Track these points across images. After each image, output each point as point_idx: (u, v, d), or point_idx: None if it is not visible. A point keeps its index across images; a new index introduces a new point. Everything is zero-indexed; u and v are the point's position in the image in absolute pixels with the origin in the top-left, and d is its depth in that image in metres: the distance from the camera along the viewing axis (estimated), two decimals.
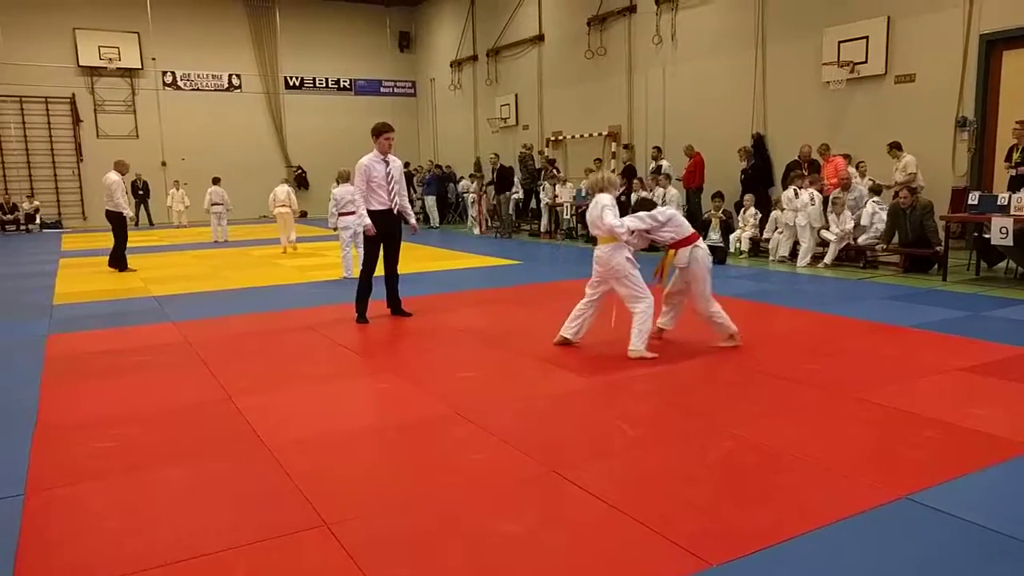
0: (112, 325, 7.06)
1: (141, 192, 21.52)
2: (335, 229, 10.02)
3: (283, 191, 13.21)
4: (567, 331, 5.65)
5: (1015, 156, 8.96)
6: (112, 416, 4.28)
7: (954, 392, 4.35)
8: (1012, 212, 7.71)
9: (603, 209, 5.31)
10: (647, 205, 5.64)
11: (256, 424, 4.05)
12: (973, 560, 2.52)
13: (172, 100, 22.69)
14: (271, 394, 4.66)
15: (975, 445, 3.51)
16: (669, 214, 5.50)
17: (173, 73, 22.70)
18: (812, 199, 9.88)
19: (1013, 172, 8.89)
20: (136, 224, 21.36)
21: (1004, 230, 7.59)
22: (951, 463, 3.30)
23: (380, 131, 6.68)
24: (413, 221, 7.09)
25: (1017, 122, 9.01)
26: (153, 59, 22.24)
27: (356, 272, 9.78)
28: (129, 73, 22.00)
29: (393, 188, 6.68)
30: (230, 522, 2.92)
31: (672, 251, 5.47)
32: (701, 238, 5.61)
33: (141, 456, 3.66)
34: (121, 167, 11.38)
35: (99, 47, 21.29)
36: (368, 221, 6.58)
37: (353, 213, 9.80)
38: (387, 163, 6.67)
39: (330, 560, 2.61)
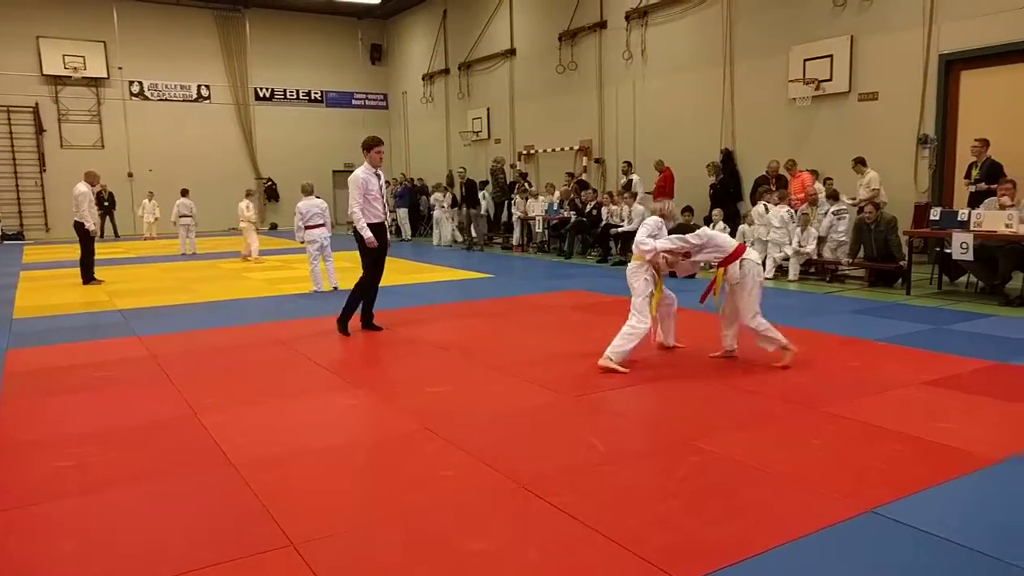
0: (74, 339, 6.90)
1: (106, 203, 21.13)
2: (302, 243, 9.93)
3: (242, 205, 13.77)
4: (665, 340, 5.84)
5: (974, 173, 9.19)
6: (72, 434, 4.18)
7: (919, 405, 4.42)
8: (972, 228, 7.89)
9: (641, 226, 5.51)
10: (684, 231, 5.68)
11: (222, 441, 3.98)
12: (937, 574, 2.55)
13: (139, 110, 22.39)
14: (238, 410, 4.58)
15: (939, 458, 3.57)
16: (707, 236, 5.44)
17: (140, 83, 22.41)
18: (792, 217, 10.02)
19: (972, 188, 9.12)
20: (101, 236, 20.98)
21: (964, 245, 7.77)
22: (916, 476, 3.34)
23: (372, 145, 6.70)
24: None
25: (975, 140, 9.25)
26: (120, 68, 21.95)
27: (326, 286, 9.74)
28: (95, 82, 21.67)
29: (384, 200, 6.84)
30: (193, 542, 2.85)
31: (722, 270, 5.39)
32: (748, 247, 5.57)
33: (102, 475, 3.57)
34: (91, 178, 11.18)
35: (64, 56, 20.96)
36: (369, 233, 6.62)
37: (321, 226, 9.76)
38: (379, 176, 6.76)
39: None
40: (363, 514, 3.09)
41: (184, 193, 16.11)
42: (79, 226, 10.83)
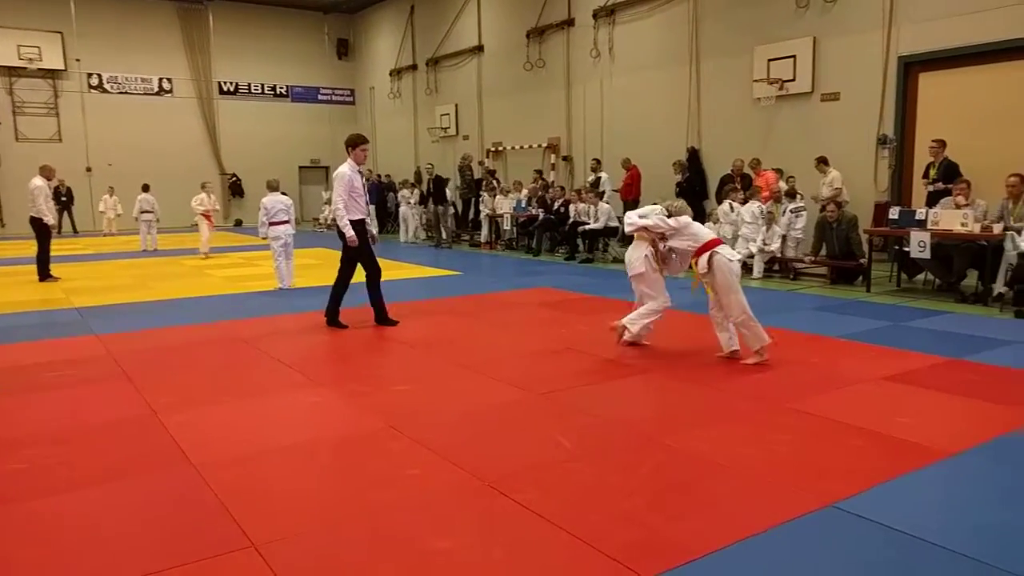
0: (28, 338, 6.71)
1: (64, 199, 20.59)
2: (265, 239, 9.79)
3: (196, 199, 14.00)
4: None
5: (932, 173, 9.41)
6: (26, 436, 4.06)
7: (878, 401, 4.51)
8: (929, 226, 8.08)
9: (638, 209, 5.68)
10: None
11: (182, 441, 3.90)
12: (896, 567, 2.60)
13: (98, 103, 21.85)
14: (199, 410, 4.50)
15: (898, 452, 3.64)
16: (684, 223, 5.52)
17: (99, 75, 21.88)
18: (762, 212, 10.14)
19: (930, 188, 9.33)
20: (59, 232, 20.45)
21: (922, 243, 7.95)
22: (876, 470, 3.41)
23: (356, 143, 6.75)
24: (374, 230, 7.44)
25: (933, 140, 9.47)
26: (77, 60, 21.40)
27: (294, 283, 9.62)
28: (52, 74, 21.10)
29: (367, 197, 6.92)
30: (153, 545, 2.79)
31: (694, 261, 5.47)
32: (722, 243, 5.59)
33: (58, 478, 3.47)
34: (47, 172, 10.89)
35: (18, 46, 20.36)
36: (351, 232, 6.68)
37: (286, 222, 9.64)
38: (361, 174, 6.84)
39: None
40: (326, 514, 3.06)
41: (145, 188, 15.77)
42: (35, 221, 10.55)
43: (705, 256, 5.36)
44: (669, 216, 5.63)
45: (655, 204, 5.87)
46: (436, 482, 3.37)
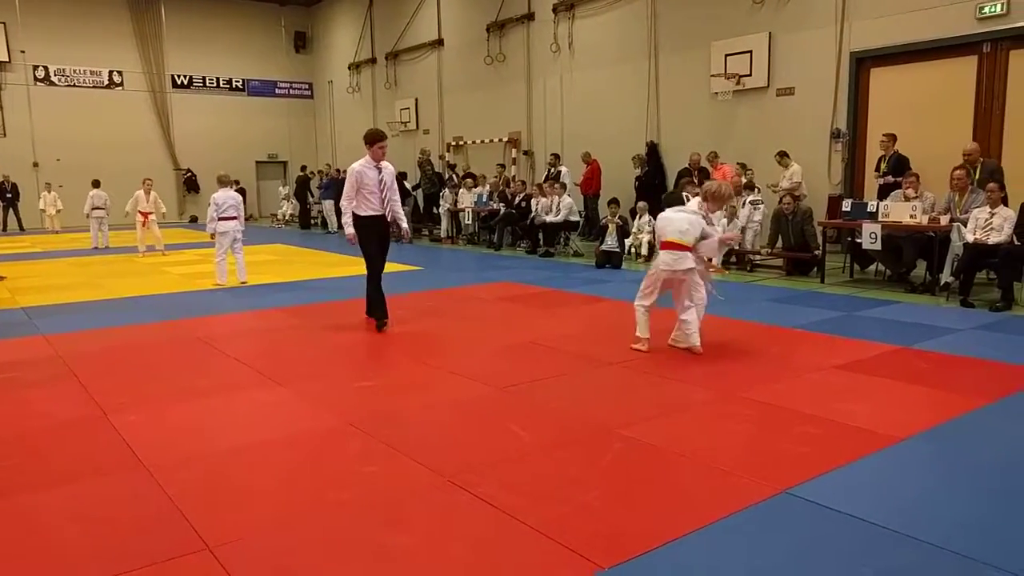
0: None
1: (9, 195, 19.93)
2: (212, 235, 9.59)
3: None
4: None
5: (883, 166, 9.65)
6: None
7: (830, 389, 4.61)
8: (880, 218, 8.28)
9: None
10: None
11: (134, 443, 3.81)
12: (848, 550, 2.66)
13: (45, 96, 21.17)
14: (151, 410, 4.40)
15: (849, 439, 3.73)
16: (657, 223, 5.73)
17: (45, 68, 21.20)
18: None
19: (881, 181, 9.57)
20: (4, 229, 19.79)
21: (873, 235, 8.14)
22: (827, 457, 3.48)
23: (375, 139, 6.53)
24: (405, 227, 7.03)
25: (884, 135, 9.71)
26: (22, 52, 20.68)
27: (234, 280, 9.44)
28: None
29: (386, 195, 6.56)
30: (105, 550, 2.72)
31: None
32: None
33: (3, 483, 3.36)
34: None
35: None
36: (351, 230, 6.50)
37: (235, 218, 9.46)
38: (379, 169, 6.56)
39: None
40: (283, 513, 3.01)
41: (96, 184, 15.33)
42: None
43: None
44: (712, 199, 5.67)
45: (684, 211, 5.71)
46: (395, 479, 3.35)
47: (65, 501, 3.17)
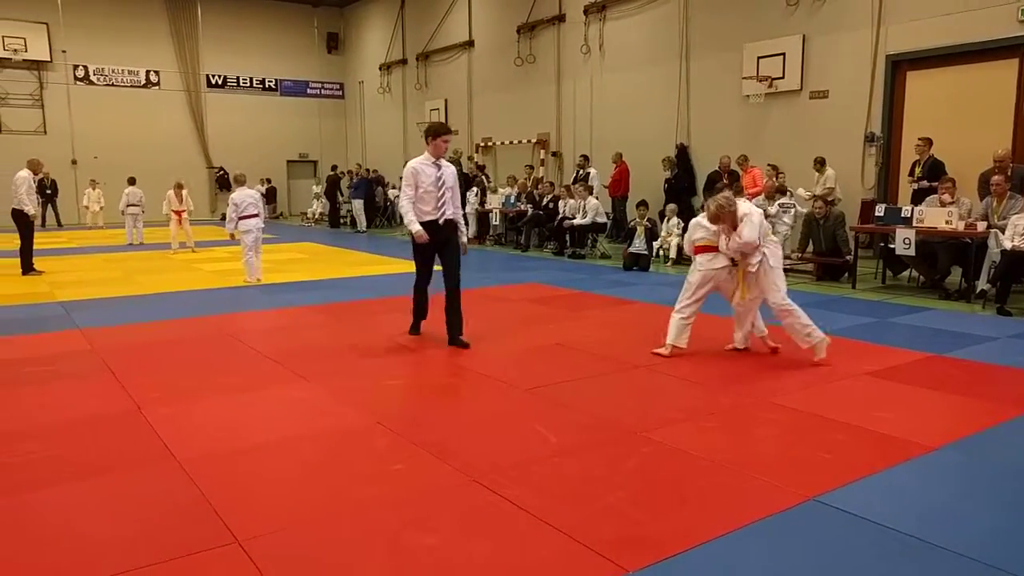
0: (10, 332, 6.64)
1: (48, 191, 20.40)
2: (232, 235, 9.77)
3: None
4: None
5: (917, 171, 9.48)
6: (8, 431, 4.03)
7: (861, 396, 4.54)
8: (914, 224, 8.14)
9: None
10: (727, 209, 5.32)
11: (166, 436, 3.89)
12: (876, 560, 2.63)
13: (84, 95, 21.65)
14: (183, 405, 4.48)
15: (879, 447, 3.68)
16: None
17: (85, 67, 21.67)
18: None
19: (915, 186, 9.40)
20: (43, 225, 20.26)
21: (907, 241, 8.00)
22: (857, 465, 3.44)
23: (438, 132, 5.80)
24: (464, 239, 6.21)
25: (919, 139, 9.53)
26: (63, 52, 21.17)
27: (262, 278, 9.59)
28: (36, 66, 20.88)
29: (444, 196, 5.83)
30: (136, 540, 2.78)
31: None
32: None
33: (39, 473, 3.45)
34: (34, 166, 10.83)
35: (3, 37, 20.13)
36: (418, 227, 5.77)
37: (255, 216, 9.65)
38: (439, 167, 5.82)
39: None
40: (311, 509, 3.05)
41: (131, 182, 15.65)
42: (17, 214, 10.45)
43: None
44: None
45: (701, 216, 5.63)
46: (421, 477, 3.37)
47: (98, 492, 3.25)
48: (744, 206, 5.36)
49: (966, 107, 9.81)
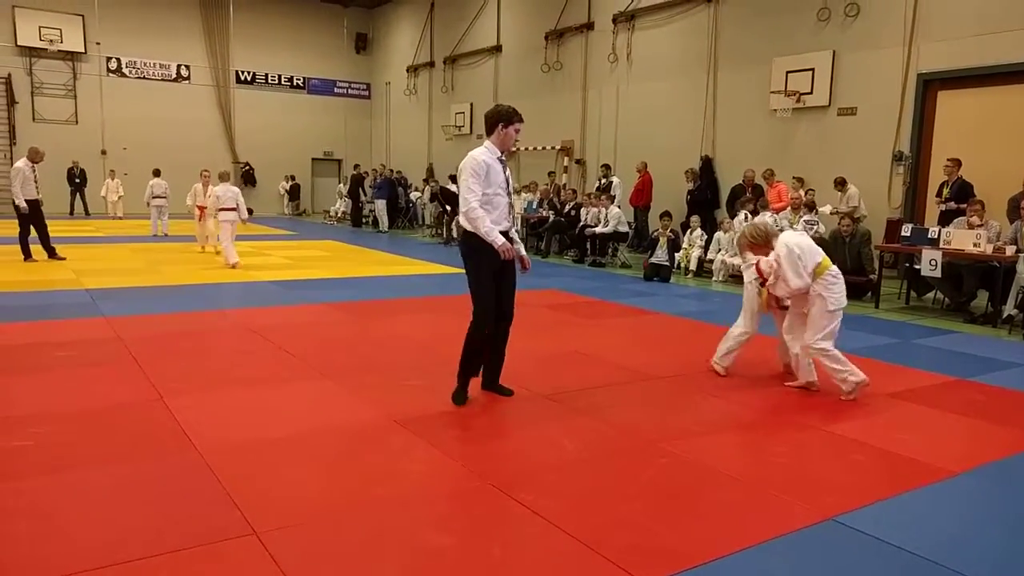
0: (37, 318, 6.75)
1: (78, 180, 20.73)
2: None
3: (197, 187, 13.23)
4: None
5: (945, 192, 9.38)
6: (32, 414, 4.09)
7: (883, 417, 4.50)
8: (941, 245, 8.05)
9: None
10: (764, 236, 5.02)
11: (187, 426, 3.93)
12: None
13: (116, 87, 21.97)
14: (205, 396, 4.53)
15: (900, 469, 3.64)
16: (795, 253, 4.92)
17: (118, 59, 22.00)
18: (776, 223, 10.10)
19: (943, 207, 9.30)
20: (71, 213, 20.57)
21: (933, 262, 7.92)
22: (877, 486, 3.40)
23: (510, 118, 4.39)
24: (523, 251, 4.61)
25: (948, 159, 9.43)
26: (97, 44, 21.53)
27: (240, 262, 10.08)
28: (71, 56, 21.23)
29: (510, 201, 4.51)
30: (154, 528, 2.81)
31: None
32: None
33: (61, 457, 3.50)
34: (33, 155, 10.70)
35: (40, 27, 20.49)
36: (502, 239, 4.24)
37: (233, 209, 10.59)
38: (504, 165, 4.45)
39: (258, 571, 2.54)
40: (328, 505, 3.07)
41: (156, 173, 15.86)
42: (29, 204, 10.47)
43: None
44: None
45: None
46: (437, 479, 3.38)
47: (118, 478, 3.29)
48: (775, 241, 4.98)
49: (996, 129, 9.69)
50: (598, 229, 12.39)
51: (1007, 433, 4.26)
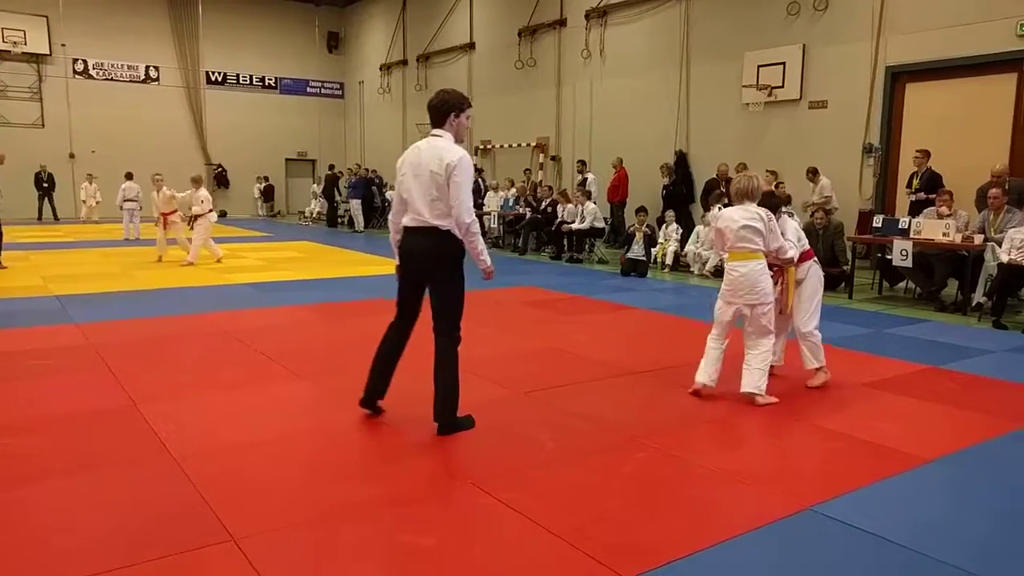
0: (5, 326, 6.61)
1: (46, 184, 20.33)
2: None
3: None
4: (704, 376, 4.68)
5: (915, 183, 9.52)
6: (1, 424, 4.00)
7: (857, 406, 4.55)
8: (912, 235, 8.17)
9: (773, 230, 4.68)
10: (771, 201, 4.88)
11: (162, 432, 3.87)
12: (870, 570, 2.63)
13: (83, 89, 21.59)
14: (180, 401, 4.46)
15: (875, 457, 3.68)
16: (799, 229, 4.91)
17: (85, 61, 21.62)
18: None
19: (913, 198, 9.44)
20: (39, 218, 20.19)
21: (904, 252, 8.03)
22: (853, 475, 3.44)
23: (462, 104, 3.96)
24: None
25: (917, 151, 9.58)
26: (63, 45, 21.13)
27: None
28: (36, 58, 20.83)
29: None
30: (130, 537, 2.77)
31: (793, 268, 4.86)
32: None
33: (33, 467, 3.43)
34: None
35: (2, 29, 20.08)
36: (488, 261, 4.05)
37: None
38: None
39: None
40: (307, 508, 3.04)
41: (129, 176, 15.62)
42: None
43: (807, 265, 4.95)
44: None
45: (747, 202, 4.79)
46: (417, 479, 3.37)
47: (92, 487, 3.23)
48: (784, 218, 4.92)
49: (964, 120, 9.86)
50: (575, 225, 12.42)
51: (979, 419, 4.33)
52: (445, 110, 3.90)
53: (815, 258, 5.04)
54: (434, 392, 3.92)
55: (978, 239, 7.75)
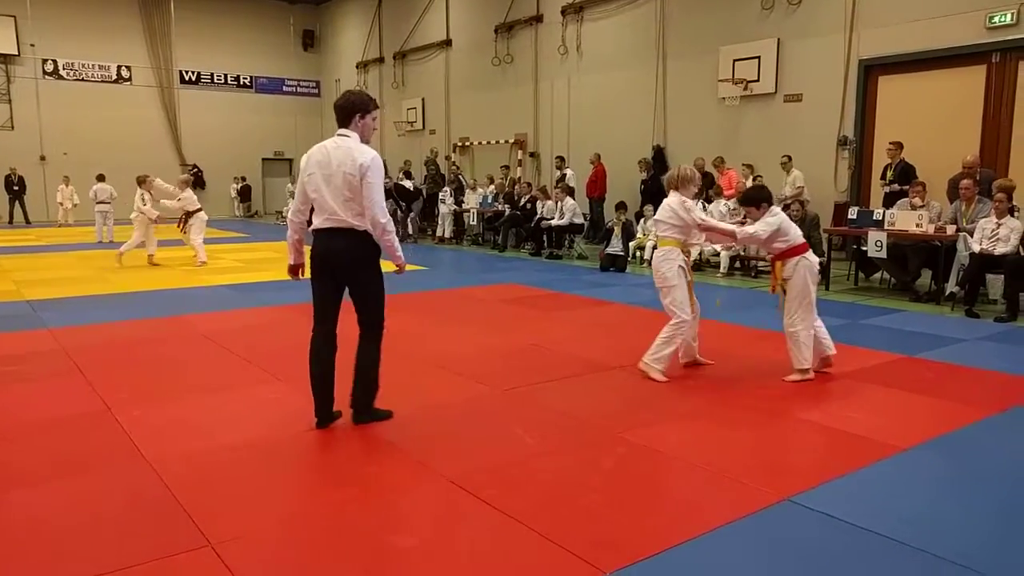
0: None
1: (16, 188, 19.96)
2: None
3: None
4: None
5: (889, 175, 9.62)
6: None
7: (835, 397, 4.60)
8: (886, 227, 8.26)
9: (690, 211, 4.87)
10: (758, 195, 5.03)
11: (137, 438, 3.82)
12: (850, 559, 2.66)
13: (53, 90, 21.22)
14: (155, 405, 4.40)
15: (853, 447, 3.72)
16: (778, 222, 4.90)
17: (55, 61, 21.25)
18: (730, 210, 10.24)
19: (887, 189, 9.55)
20: (10, 222, 19.84)
21: (879, 243, 8.12)
22: (830, 465, 3.48)
23: (367, 106, 4.00)
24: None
25: (890, 143, 9.69)
26: (32, 45, 20.75)
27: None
28: (3, 59, 20.45)
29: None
30: (105, 544, 2.72)
31: (780, 263, 4.94)
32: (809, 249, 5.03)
33: (4, 475, 3.36)
34: None
35: None
36: (403, 256, 4.29)
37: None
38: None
39: None
40: (285, 511, 3.02)
41: (100, 178, 15.38)
42: None
43: (793, 261, 4.88)
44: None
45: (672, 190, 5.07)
46: (397, 479, 3.35)
47: (66, 493, 3.18)
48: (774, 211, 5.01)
49: (936, 112, 9.98)
50: (554, 221, 12.43)
51: (954, 407, 4.39)
52: (351, 110, 3.96)
53: (806, 253, 4.92)
54: (354, 381, 4.03)
55: (950, 230, 7.86)
